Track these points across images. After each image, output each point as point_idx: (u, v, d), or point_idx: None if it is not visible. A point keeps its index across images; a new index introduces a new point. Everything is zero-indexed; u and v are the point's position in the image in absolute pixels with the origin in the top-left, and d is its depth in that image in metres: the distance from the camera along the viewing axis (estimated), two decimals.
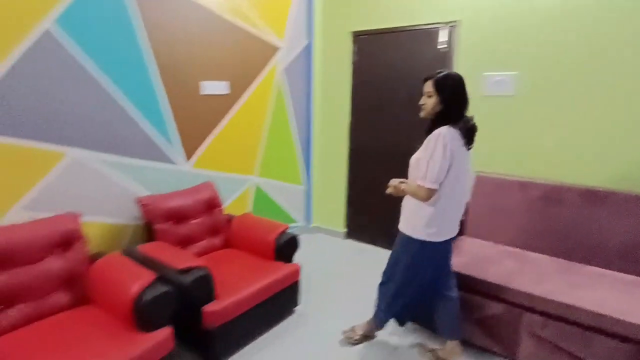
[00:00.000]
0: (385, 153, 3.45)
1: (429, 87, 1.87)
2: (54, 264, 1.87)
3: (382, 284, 2.16)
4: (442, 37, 2.97)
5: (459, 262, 2.27)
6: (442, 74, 1.84)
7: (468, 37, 2.83)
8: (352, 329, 2.30)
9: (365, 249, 3.63)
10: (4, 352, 1.49)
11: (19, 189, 1.95)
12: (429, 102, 1.87)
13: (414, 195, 1.85)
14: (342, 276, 3.07)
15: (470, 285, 2.16)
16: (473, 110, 2.84)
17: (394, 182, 1.97)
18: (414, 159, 1.90)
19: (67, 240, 1.93)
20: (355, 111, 3.57)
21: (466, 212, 2.71)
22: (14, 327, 1.72)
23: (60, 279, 1.89)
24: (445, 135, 1.74)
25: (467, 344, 2.18)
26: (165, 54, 2.47)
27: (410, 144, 3.22)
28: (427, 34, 3.04)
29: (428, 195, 1.78)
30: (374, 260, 3.38)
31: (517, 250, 2.46)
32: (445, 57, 2.97)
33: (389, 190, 2.00)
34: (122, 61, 2.26)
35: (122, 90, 2.28)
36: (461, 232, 2.69)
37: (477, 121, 2.17)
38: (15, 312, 1.74)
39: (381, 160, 3.48)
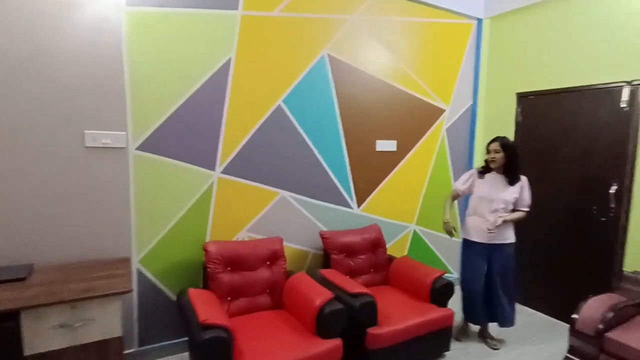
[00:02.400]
0: (549, 212, 3.32)
1: (496, 146, 2.66)
2: (264, 273, 2.55)
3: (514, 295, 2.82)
4: (624, 96, 2.84)
5: None
6: (504, 138, 2.69)
7: None
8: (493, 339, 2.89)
9: (522, 311, 3.45)
10: (238, 328, 2.13)
11: (249, 217, 2.77)
12: (497, 156, 2.65)
13: (523, 218, 2.73)
14: (495, 332, 3.02)
15: None
16: None
17: (498, 222, 2.62)
18: (511, 198, 2.67)
19: (274, 257, 2.60)
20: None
21: None
22: (237, 314, 2.41)
23: (266, 286, 2.55)
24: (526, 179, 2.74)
25: None
26: (348, 118, 3.11)
27: (576, 204, 3.11)
28: (606, 93, 2.95)
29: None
30: (531, 323, 3.24)
31: None
32: (627, 116, 2.82)
33: (496, 230, 2.65)
34: (321, 126, 2.99)
35: (318, 149, 2.99)
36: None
37: None
38: (239, 303, 2.45)
39: (544, 219, 3.36)
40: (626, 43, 2.80)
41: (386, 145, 3.33)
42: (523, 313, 3.42)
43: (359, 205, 3.27)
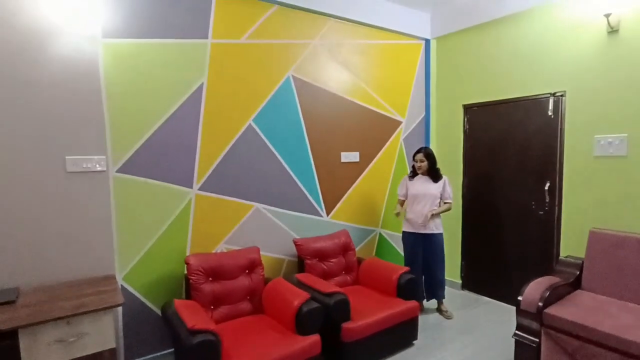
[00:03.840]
0: (496, 209, 3.74)
1: (421, 157, 3.39)
2: (244, 281, 2.73)
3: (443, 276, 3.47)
4: (550, 105, 3.29)
5: (573, 312, 2.43)
6: (426, 150, 3.42)
7: (575, 104, 3.11)
8: (446, 310, 3.49)
9: (479, 300, 3.82)
10: (222, 333, 2.29)
11: (226, 230, 2.94)
12: (422, 165, 3.38)
13: (448, 210, 3.42)
14: (456, 321, 3.35)
15: (583, 334, 2.31)
16: (585, 170, 3.12)
17: (427, 214, 3.30)
18: (436, 192, 3.36)
19: (252, 266, 2.79)
20: (467, 172, 4.00)
21: (581, 268, 2.83)
22: (220, 321, 2.57)
23: (247, 293, 2.73)
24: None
25: None
26: (313, 133, 3.37)
27: (517, 201, 3.52)
28: (537, 104, 3.40)
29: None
30: (487, 309, 3.60)
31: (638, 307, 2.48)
32: (554, 122, 3.27)
33: (428, 220, 3.31)
34: (290, 141, 3.23)
35: (288, 163, 3.22)
36: (577, 286, 2.82)
37: (590, 180, 3.08)
38: (222, 311, 2.61)
39: (492, 216, 3.77)
40: (549, 60, 3.26)
41: (350, 156, 3.63)
42: (480, 301, 3.79)
43: (327, 213, 3.52)
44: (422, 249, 3.40)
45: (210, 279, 2.61)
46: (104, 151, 2.43)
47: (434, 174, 3.39)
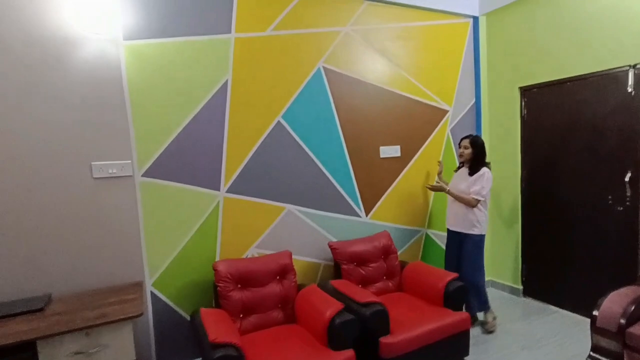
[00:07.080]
0: (563, 205, 3.24)
1: (466, 143, 3.00)
2: (275, 288, 2.57)
3: (479, 284, 3.03)
4: (630, 80, 2.76)
5: None
6: (473, 136, 3.02)
7: None
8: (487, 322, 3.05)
9: (543, 309, 3.35)
10: (250, 344, 2.15)
11: (257, 234, 2.80)
12: (465, 152, 3.00)
13: (465, 202, 2.94)
14: (516, 334, 2.95)
15: None
16: None
17: (437, 179, 3.30)
18: (466, 187, 2.95)
19: (283, 272, 2.62)
20: (526, 164, 3.52)
21: None
22: (250, 330, 2.43)
23: (278, 301, 2.56)
24: (489, 172, 2.95)
25: None
26: (348, 127, 3.12)
27: (590, 195, 3.03)
28: (612, 79, 2.88)
29: (477, 203, 2.90)
30: (553, 321, 3.14)
31: None
32: (634, 100, 2.74)
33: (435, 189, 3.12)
34: (323, 138, 3.01)
35: (321, 161, 3.01)
36: None
37: None
38: (251, 320, 2.47)
39: (559, 213, 3.27)
40: (627, 26, 2.73)
41: (390, 151, 3.33)
42: (545, 311, 3.32)
43: (367, 213, 3.26)
44: (458, 248, 3.10)
45: (239, 285, 2.48)
46: (129, 156, 2.39)
47: (474, 167, 2.97)
